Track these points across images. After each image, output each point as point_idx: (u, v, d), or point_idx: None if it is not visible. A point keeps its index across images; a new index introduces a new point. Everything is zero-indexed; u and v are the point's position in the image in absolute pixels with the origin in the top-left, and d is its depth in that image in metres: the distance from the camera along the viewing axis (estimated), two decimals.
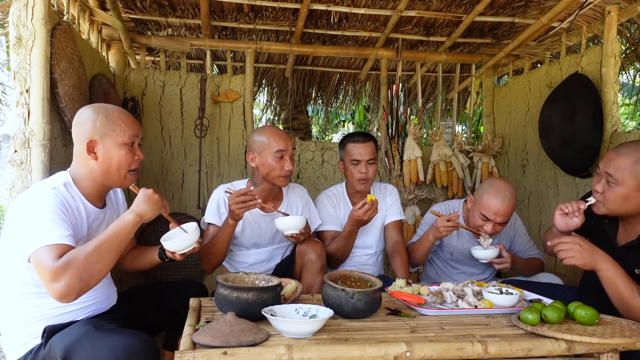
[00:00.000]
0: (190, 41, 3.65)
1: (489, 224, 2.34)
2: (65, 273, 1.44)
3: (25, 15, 2.02)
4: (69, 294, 1.46)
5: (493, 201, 2.30)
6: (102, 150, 1.70)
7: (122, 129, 1.72)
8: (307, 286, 2.16)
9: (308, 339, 1.42)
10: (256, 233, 2.36)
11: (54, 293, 1.45)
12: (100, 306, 1.78)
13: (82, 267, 1.47)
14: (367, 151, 2.53)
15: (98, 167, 1.71)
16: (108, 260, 1.55)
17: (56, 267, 1.44)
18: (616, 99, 2.84)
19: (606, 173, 1.78)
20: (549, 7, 3.20)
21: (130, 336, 1.48)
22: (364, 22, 3.63)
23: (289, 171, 2.28)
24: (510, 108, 3.88)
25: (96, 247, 1.52)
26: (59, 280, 1.44)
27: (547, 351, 1.42)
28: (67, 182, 1.70)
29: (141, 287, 2.17)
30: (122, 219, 1.63)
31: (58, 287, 1.44)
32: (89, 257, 1.49)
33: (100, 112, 1.72)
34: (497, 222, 2.33)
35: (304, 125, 5.83)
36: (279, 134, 2.31)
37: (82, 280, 1.47)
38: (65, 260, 1.46)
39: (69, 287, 1.45)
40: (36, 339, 1.61)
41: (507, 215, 2.32)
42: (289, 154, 2.28)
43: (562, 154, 3.12)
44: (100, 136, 1.69)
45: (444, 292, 1.87)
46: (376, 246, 2.68)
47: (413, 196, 3.73)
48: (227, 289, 1.57)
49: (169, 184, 3.61)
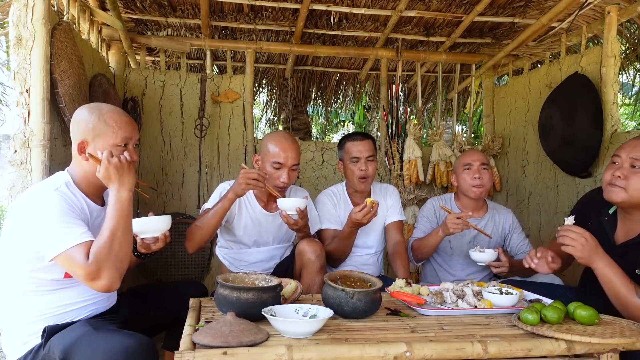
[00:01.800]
0: (190, 41, 3.65)
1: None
2: (101, 270, 1.51)
3: (25, 15, 2.02)
4: (112, 284, 1.54)
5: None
6: (93, 152, 1.68)
7: (115, 131, 1.69)
8: (307, 286, 2.17)
9: (308, 339, 1.42)
10: (257, 231, 2.37)
11: (100, 289, 1.54)
12: (100, 306, 1.78)
13: (112, 258, 1.53)
14: (366, 148, 2.55)
15: (90, 168, 1.70)
16: (128, 242, 1.61)
17: (91, 267, 1.50)
18: (616, 99, 2.84)
19: (632, 158, 1.76)
20: (549, 7, 3.20)
21: (129, 338, 1.48)
22: (363, 22, 3.63)
23: (284, 184, 2.26)
24: (510, 108, 3.88)
25: (112, 234, 1.56)
26: (100, 278, 1.51)
27: (547, 351, 1.42)
28: (68, 182, 1.71)
29: (141, 288, 2.17)
30: (114, 199, 1.61)
31: (102, 284, 1.52)
32: (113, 246, 1.54)
33: (94, 113, 1.70)
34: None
35: (303, 125, 5.83)
36: (283, 146, 2.26)
37: (117, 268, 1.54)
38: (95, 258, 1.51)
39: (111, 280, 1.53)
40: (36, 338, 1.61)
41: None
42: (287, 167, 2.25)
43: (562, 154, 3.12)
44: (92, 137, 1.68)
45: (444, 292, 1.87)
46: (376, 246, 2.68)
47: (413, 196, 3.73)
48: (227, 289, 1.57)
49: (168, 184, 3.61)
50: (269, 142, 2.29)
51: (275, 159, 2.24)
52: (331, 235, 2.54)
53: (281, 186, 2.27)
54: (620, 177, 1.78)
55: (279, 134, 2.33)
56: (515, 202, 3.78)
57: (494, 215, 2.69)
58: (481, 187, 2.54)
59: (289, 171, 2.26)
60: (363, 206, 2.22)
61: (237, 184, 2.12)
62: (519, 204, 3.74)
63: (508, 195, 3.89)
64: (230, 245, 2.45)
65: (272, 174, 2.26)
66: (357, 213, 2.22)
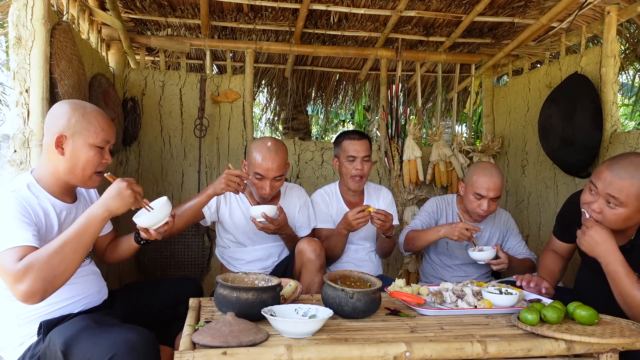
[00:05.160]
0: (190, 41, 3.65)
1: (484, 201, 2.45)
2: (27, 275, 1.42)
3: (24, 15, 2.02)
4: (33, 296, 1.44)
5: (483, 178, 2.45)
6: (71, 147, 1.66)
7: (97, 131, 1.69)
8: (306, 285, 2.17)
9: (308, 339, 1.42)
10: (251, 228, 2.37)
11: (18, 295, 1.43)
12: (92, 299, 1.78)
13: (44, 268, 1.44)
14: (363, 148, 2.56)
15: (63, 164, 1.67)
16: (72, 260, 1.51)
17: (17, 270, 1.42)
18: (616, 99, 2.84)
19: (607, 194, 1.75)
20: (549, 7, 3.20)
21: (131, 331, 1.49)
22: (363, 22, 3.63)
23: (265, 194, 2.28)
24: (510, 108, 3.88)
25: (59, 246, 1.48)
26: (21, 282, 1.42)
27: (547, 351, 1.42)
28: (30, 183, 1.67)
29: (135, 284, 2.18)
30: (89, 214, 1.57)
31: (22, 288, 1.42)
32: (51, 257, 1.46)
33: (77, 110, 1.69)
34: (490, 198, 2.46)
35: (303, 125, 5.83)
36: (265, 158, 2.24)
37: (46, 281, 1.44)
38: (26, 262, 1.43)
39: (33, 288, 1.43)
40: (32, 338, 1.61)
41: (498, 190, 2.46)
42: (268, 179, 2.25)
43: (562, 154, 3.12)
44: (71, 133, 1.66)
45: (444, 292, 1.87)
46: (373, 242, 2.71)
47: (413, 196, 3.72)
48: (226, 289, 1.57)
49: (168, 184, 3.61)
50: (254, 151, 2.29)
51: (257, 170, 2.25)
52: (324, 235, 2.57)
53: (261, 196, 2.31)
54: (595, 211, 1.81)
55: (264, 145, 2.28)
56: (515, 202, 3.78)
57: (493, 217, 2.70)
58: (484, 214, 2.54)
59: (271, 182, 2.27)
60: (361, 209, 2.27)
61: (218, 182, 2.16)
62: (518, 204, 3.74)
63: (508, 195, 3.89)
64: (227, 244, 2.47)
65: (255, 183, 2.28)
66: (351, 213, 2.28)
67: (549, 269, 2.19)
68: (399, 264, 3.83)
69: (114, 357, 1.40)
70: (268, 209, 2.19)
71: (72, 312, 1.69)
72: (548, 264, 2.22)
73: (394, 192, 3.69)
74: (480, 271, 2.69)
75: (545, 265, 2.23)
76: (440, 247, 2.72)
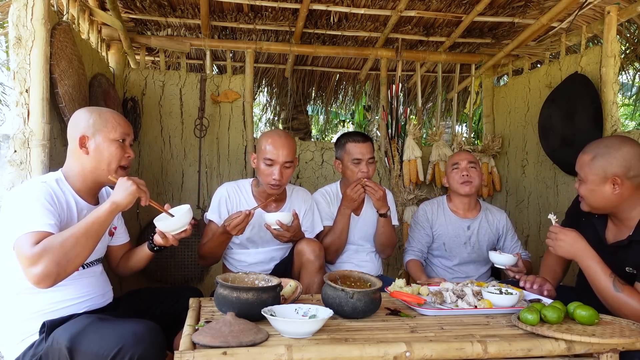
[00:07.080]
0: (190, 41, 3.65)
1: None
2: (42, 258, 1.47)
3: (24, 15, 2.02)
4: (46, 279, 1.47)
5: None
6: (94, 145, 1.78)
7: (114, 126, 1.81)
8: (306, 286, 2.17)
9: (308, 339, 1.42)
10: (255, 232, 2.37)
11: (31, 277, 1.47)
12: (96, 302, 1.80)
13: (59, 252, 1.49)
14: (368, 150, 2.55)
15: (89, 162, 1.78)
16: (85, 247, 1.57)
17: (33, 253, 1.47)
18: (616, 99, 2.84)
19: (579, 174, 1.89)
20: (549, 7, 3.20)
21: (137, 323, 1.51)
22: (363, 22, 3.63)
23: (276, 181, 2.24)
24: (510, 108, 3.88)
25: (73, 233, 1.55)
26: (36, 265, 1.46)
27: (547, 351, 1.42)
28: (59, 179, 1.77)
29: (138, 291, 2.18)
30: (99, 207, 1.67)
31: (35, 271, 1.46)
32: (66, 242, 1.52)
33: (94, 112, 1.83)
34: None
35: (303, 125, 5.83)
36: (275, 143, 2.25)
37: (60, 265, 1.49)
38: (42, 246, 1.48)
39: (46, 271, 1.47)
40: (34, 336, 1.61)
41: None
42: (279, 164, 2.24)
43: (562, 154, 3.12)
44: (92, 132, 1.78)
45: (444, 292, 1.87)
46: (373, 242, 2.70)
47: (413, 196, 3.72)
48: (226, 289, 1.57)
49: (168, 184, 3.61)
50: (263, 138, 2.30)
51: (266, 155, 2.24)
52: (326, 232, 2.57)
53: (273, 184, 2.26)
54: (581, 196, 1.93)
55: (273, 132, 2.34)
56: (515, 202, 3.78)
57: (487, 215, 2.71)
58: (469, 184, 2.58)
59: (281, 168, 2.24)
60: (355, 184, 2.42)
61: (229, 230, 2.13)
62: (518, 204, 3.74)
63: (508, 195, 3.89)
64: (230, 246, 2.45)
65: (265, 170, 2.26)
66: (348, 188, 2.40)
67: (551, 269, 2.19)
68: (399, 264, 3.83)
69: (122, 348, 1.41)
70: (283, 216, 2.15)
71: (76, 312, 1.70)
72: (550, 263, 2.22)
73: (394, 192, 3.69)
74: (480, 271, 2.69)
75: (547, 265, 2.22)
76: (437, 249, 2.72)
